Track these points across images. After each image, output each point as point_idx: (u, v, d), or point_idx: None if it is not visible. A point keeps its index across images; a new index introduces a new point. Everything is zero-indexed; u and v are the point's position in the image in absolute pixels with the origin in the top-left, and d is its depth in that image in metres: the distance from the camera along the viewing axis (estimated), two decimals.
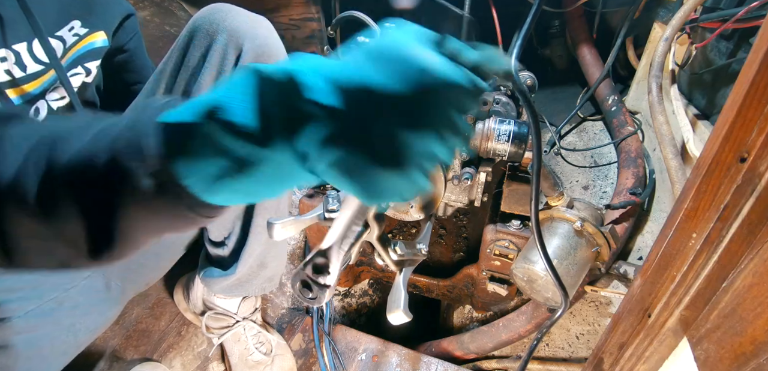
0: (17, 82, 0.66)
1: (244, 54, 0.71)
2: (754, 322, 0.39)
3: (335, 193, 0.58)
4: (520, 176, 1.03)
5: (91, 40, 0.77)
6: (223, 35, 0.71)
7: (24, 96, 0.68)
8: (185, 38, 0.74)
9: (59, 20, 0.71)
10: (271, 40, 0.74)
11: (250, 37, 0.71)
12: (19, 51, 0.65)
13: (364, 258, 1.34)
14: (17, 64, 0.65)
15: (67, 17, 0.72)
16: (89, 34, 0.76)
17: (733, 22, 1.03)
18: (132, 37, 0.90)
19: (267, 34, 0.73)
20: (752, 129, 0.38)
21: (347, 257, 0.51)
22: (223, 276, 0.94)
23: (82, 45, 0.75)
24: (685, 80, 1.34)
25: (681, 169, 1.06)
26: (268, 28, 0.75)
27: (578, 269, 0.93)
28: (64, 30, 0.72)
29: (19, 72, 0.66)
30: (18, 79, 0.66)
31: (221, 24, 0.71)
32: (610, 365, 0.68)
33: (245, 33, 0.71)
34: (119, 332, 1.06)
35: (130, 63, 0.94)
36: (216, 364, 1.13)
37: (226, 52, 0.71)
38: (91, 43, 0.77)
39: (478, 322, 1.34)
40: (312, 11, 2.00)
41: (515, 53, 0.56)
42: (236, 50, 0.72)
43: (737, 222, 0.41)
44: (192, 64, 0.73)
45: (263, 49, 0.72)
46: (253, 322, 1.09)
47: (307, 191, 1.20)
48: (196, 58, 0.73)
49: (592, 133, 1.77)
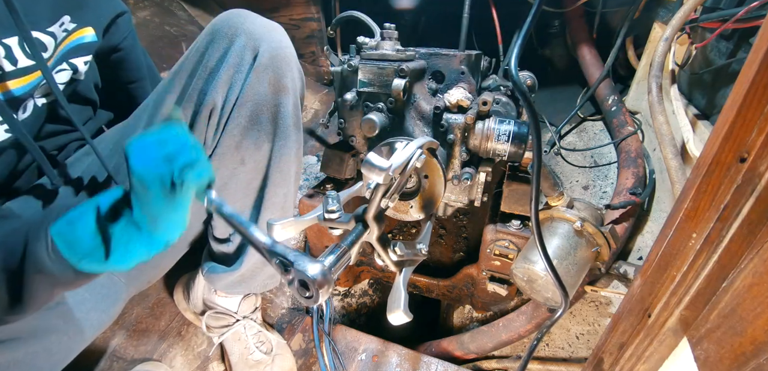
0: (7, 77, 0.66)
1: (260, 55, 0.76)
2: (754, 322, 0.39)
3: (335, 194, 0.58)
4: (520, 176, 1.03)
5: (79, 35, 0.77)
6: (242, 38, 0.76)
7: (7, 93, 0.67)
8: (205, 40, 0.78)
9: (52, 15, 0.71)
10: (284, 44, 0.80)
11: (267, 40, 0.77)
12: (10, 45, 0.65)
13: (364, 258, 1.34)
14: (7, 58, 0.65)
15: (59, 12, 0.72)
16: (77, 29, 0.76)
17: (733, 22, 1.03)
18: (126, 36, 0.91)
19: (281, 38, 0.80)
20: (752, 129, 0.38)
21: (348, 256, 0.52)
22: (226, 272, 0.96)
23: (69, 40, 0.76)
24: (685, 80, 1.34)
25: (681, 169, 1.06)
26: (282, 33, 0.81)
27: (578, 269, 0.93)
28: (55, 26, 0.72)
29: (9, 66, 0.66)
30: (8, 73, 0.66)
31: (240, 27, 0.76)
32: (610, 365, 0.68)
33: (262, 36, 0.77)
34: (119, 332, 1.06)
35: (126, 62, 0.95)
36: (216, 364, 1.13)
37: (243, 53, 0.76)
38: (79, 39, 0.77)
39: (478, 322, 1.34)
40: (312, 11, 2.01)
41: (515, 53, 0.56)
42: (253, 51, 0.77)
43: (737, 222, 0.41)
44: (210, 64, 0.77)
45: (278, 52, 0.78)
46: (253, 321, 1.09)
47: (308, 191, 1.20)
48: (215, 59, 0.77)
49: (592, 133, 1.77)
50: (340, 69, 0.93)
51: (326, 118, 1.08)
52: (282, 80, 0.79)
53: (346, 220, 0.56)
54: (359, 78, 0.87)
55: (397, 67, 0.83)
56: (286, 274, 0.46)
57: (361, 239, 0.54)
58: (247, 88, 0.77)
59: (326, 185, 1.20)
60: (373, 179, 0.52)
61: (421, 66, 0.89)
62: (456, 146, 0.85)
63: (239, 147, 0.81)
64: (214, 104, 0.77)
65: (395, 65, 0.83)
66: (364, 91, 0.87)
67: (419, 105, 0.86)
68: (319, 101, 2.09)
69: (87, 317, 0.74)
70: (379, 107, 0.87)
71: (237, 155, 0.81)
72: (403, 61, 0.83)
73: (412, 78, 0.84)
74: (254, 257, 0.94)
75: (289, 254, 0.46)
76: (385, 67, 0.84)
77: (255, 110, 0.78)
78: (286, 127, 0.82)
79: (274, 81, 0.78)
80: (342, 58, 0.95)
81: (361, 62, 0.87)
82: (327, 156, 1.15)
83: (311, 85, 2.15)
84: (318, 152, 1.77)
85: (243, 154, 0.82)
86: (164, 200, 0.50)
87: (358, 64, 0.87)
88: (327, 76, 2.19)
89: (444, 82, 0.91)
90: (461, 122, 0.82)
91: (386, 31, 0.90)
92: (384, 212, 0.58)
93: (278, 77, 0.78)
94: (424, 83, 0.90)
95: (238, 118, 0.78)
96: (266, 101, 0.78)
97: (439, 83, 0.91)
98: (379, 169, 0.51)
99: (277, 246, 0.48)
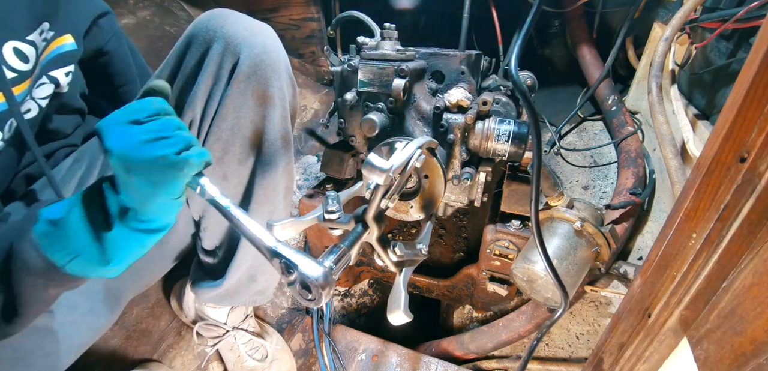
0: None
1: (240, 63, 0.68)
2: (754, 322, 0.39)
3: (335, 194, 0.58)
4: (520, 176, 1.03)
5: (58, 44, 0.72)
6: (220, 43, 0.68)
7: None
8: (182, 45, 0.71)
9: (30, 23, 0.66)
10: (269, 48, 0.71)
11: (249, 45, 0.69)
12: None
13: (364, 258, 1.34)
14: None
15: (38, 19, 0.68)
16: (56, 38, 0.71)
17: (733, 22, 1.03)
18: (111, 37, 0.85)
19: (266, 42, 0.71)
20: (752, 129, 0.38)
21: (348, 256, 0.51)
22: (212, 286, 0.91)
23: (48, 50, 0.70)
24: (685, 80, 1.34)
25: (681, 169, 1.06)
26: (269, 36, 0.72)
27: (578, 269, 0.93)
28: (34, 34, 0.67)
29: None
30: None
31: (218, 31, 0.69)
32: (610, 365, 0.68)
33: (244, 41, 0.69)
34: (119, 332, 1.06)
35: (113, 65, 0.89)
36: (216, 365, 1.13)
37: (222, 60, 0.69)
38: (58, 48, 0.72)
39: (478, 322, 1.34)
40: (312, 11, 2.01)
41: (515, 53, 0.56)
42: (233, 58, 0.69)
43: (737, 222, 0.41)
44: (187, 70, 0.71)
45: (261, 58, 0.69)
46: (243, 331, 1.06)
47: (308, 191, 1.20)
48: (191, 65, 0.70)
49: (592, 133, 1.77)
50: (340, 69, 0.93)
51: (326, 118, 1.08)
52: (267, 90, 0.71)
53: (346, 220, 0.56)
54: (359, 78, 0.87)
55: (397, 67, 0.83)
56: (288, 275, 0.45)
57: (361, 239, 0.54)
58: (226, 99, 0.70)
59: (326, 185, 1.20)
60: (373, 179, 0.52)
61: (421, 66, 0.89)
62: (456, 146, 0.85)
63: (221, 162, 0.75)
64: (193, 117, 0.71)
65: (395, 65, 0.83)
66: (364, 91, 0.87)
67: (419, 105, 0.86)
68: (319, 101, 2.09)
69: (82, 321, 0.72)
70: (379, 107, 0.87)
71: (219, 170, 0.76)
72: (403, 61, 0.83)
73: (412, 78, 0.84)
74: (239, 273, 0.89)
75: (290, 255, 0.45)
76: (385, 67, 0.84)
77: (237, 123, 0.72)
78: (272, 141, 0.75)
79: (258, 92, 0.70)
80: (342, 58, 0.95)
81: (361, 62, 0.87)
82: (327, 156, 1.15)
83: (311, 85, 2.15)
84: (318, 152, 1.77)
85: (225, 169, 0.76)
86: (157, 181, 0.45)
87: (358, 64, 0.87)
88: (327, 76, 2.19)
89: (444, 82, 0.91)
90: (461, 122, 0.82)
91: (386, 31, 0.90)
92: (384, 213, 0.58)
93: (263, 87, 0.70)
94: (424, 83, 0.90)
95: (219, 131, 0.72)
96: (249, 113, 0.71)
97: (439, 83, 0.91)
98: (380, 170, 0.51)
99: (277, 246, 0.46)
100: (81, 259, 0.46)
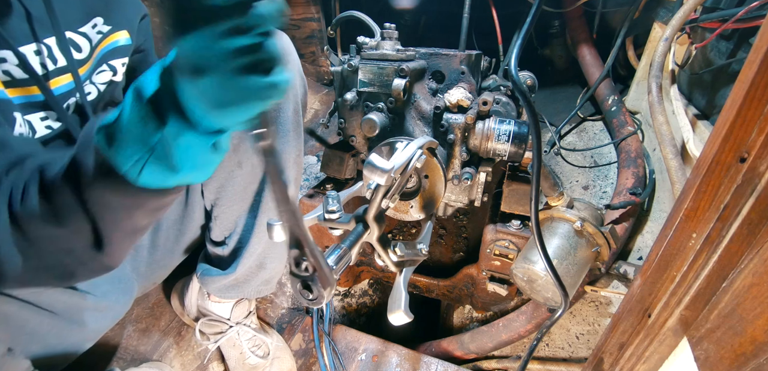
0: (50, 76, 0.67)
1: None
2: (754, 322, 0.39)
3: (335, 194, 0.58)
4: (520, 176, 1.03)
5: (114, 38, 0.78)
6: None
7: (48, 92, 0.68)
8: None
9: (83, 17, 0.73)
10: (285, 49, 0.76)
11: None
12: (50, 45, 0.67)
13: (364, 258, 1.34)
14: (49, 57, 0.67)
15: (90, 14, 0.74)
16: (112, 32, 0.78)
17: (733, 22, 1.03)
18: (147, 37, 0.92)
19: (281, 43, 0.74)
20: (752, 129, 0.38)
21: (348, 256, 0.52)
22: (220, 275, 0.95)
23: (106, 43, 0.77)
24: (685, 80, 1.34)
25: (681, 169, 1.06)
26: (283, 37, 0.77)
27: (578, 269, 0.93)
28: (87, 27, 0.73)
29: (52, 65, 0.68)
30: (50, 72, 0.67)
31: None
32: (610, 365, 0.68)
33: None
34: (120, 332, 1.06)
35: (145, 63, 0.95)
36: (216, 364, 1.13)
37: None
38: (115, 42, 0.79)
39: (478, 322, 1.34)
40: (312, 11, 2.01)
41: (515, 53, 0.56)
42: None
43: (737, 222, 0.41)
44: None
45: None
46: (247, 327, 1.08)
47: (308, 191, 1.20)
48: None
49: (592, 133, 1.77)
50: (340, 69, 0.93)
51: (326, 118, 1.08)
52: None
53: (347, 220, 0.56)
54: (359, 78, 0.87)
55: (397, 67, 0.83)
56: (297, 267, 0.44)
57: (361, 239, 0.54)
58: None
59: (326, 185, 1.20)
60: (374, 179, 0.52)
61: (421, 66, 0.89)
62: (456, 146, 0.85)
63: (237, 150, 0.80)
64: None
65: (395, 65, 0.83)
66: (364, 91, 0.87)
67: (419, 105, 0.86)
68: (319, 101, 2.09)
69: (96, 305, 0.75)
70: (380, 107, 0.87)
71: (234, 158, 0.81)
72: (403, 61, 0.83)
73: (412, 78, 0.84)
74: (250, 262, 0.93)
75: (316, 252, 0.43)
76: (385, 67, 0.84)
77: None
78: (286, 131, 0.81)
79: None
80: (342, 58, 0.95)
81: (361, 62, 0.87)
82: (327, 156, 1.15)
83: (311, 85, 2.15)
84: (318, 152, 1.77)
85: (240, 157, 0.81)
86: (237, 80, 0.38)
87: (358, 64, 0.87)
88: (327, 76, 2.19)
89: (444, 82, 0.91)
90: (461, 121, 0.82)
91: (386, 31, 0.90)
92: (384, 213, 0.58)
93: None
94: (424, 83, 0.90)
95: None
96: None
97: (439, 83, 0.91)
98: (381, 170, 0.51)
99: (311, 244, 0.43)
100: (148, 165, 0.43)
